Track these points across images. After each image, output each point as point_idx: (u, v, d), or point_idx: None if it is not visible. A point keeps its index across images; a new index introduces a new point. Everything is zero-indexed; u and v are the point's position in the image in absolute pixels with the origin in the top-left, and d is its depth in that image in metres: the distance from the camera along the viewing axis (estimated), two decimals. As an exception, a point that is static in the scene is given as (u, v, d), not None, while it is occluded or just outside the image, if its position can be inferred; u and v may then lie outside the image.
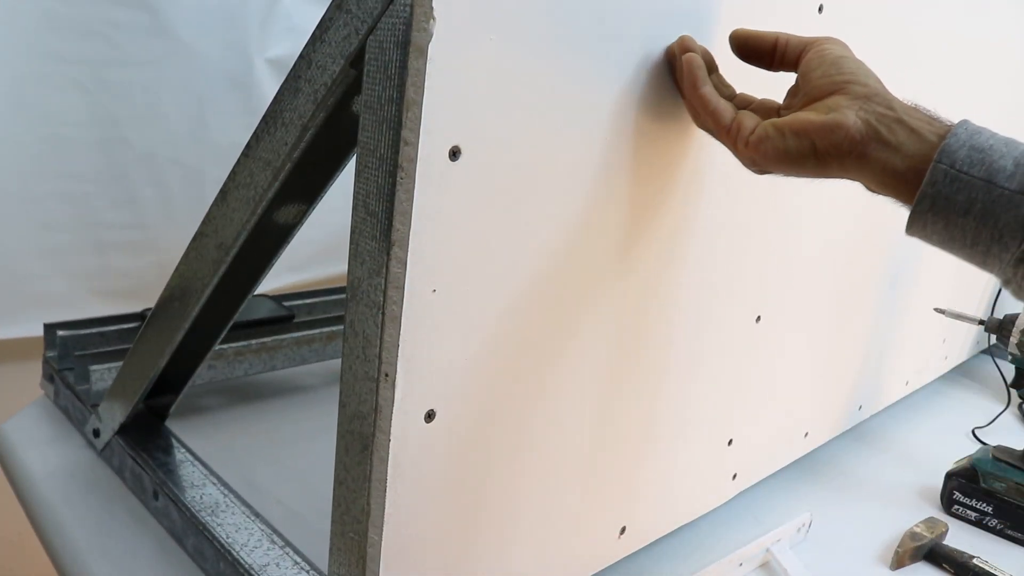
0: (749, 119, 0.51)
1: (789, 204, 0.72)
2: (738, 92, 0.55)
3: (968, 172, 0.44)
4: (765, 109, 0.53)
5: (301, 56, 0.50)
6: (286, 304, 1.12)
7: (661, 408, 0.70)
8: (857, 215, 0.84)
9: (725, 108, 0.52)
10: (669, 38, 0.53)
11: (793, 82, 0.53)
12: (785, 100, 0.54)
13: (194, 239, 0.66)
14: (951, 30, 0.84)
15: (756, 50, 0.54)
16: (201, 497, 0.73)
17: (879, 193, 0.49)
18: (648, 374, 0.66)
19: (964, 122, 0.47)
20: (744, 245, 0.69)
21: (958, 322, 1.10)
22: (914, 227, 0.48)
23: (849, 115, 0.47)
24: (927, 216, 0.46)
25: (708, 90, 0.52)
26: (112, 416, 0.81)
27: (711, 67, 0.55)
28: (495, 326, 0.51)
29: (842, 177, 0.49)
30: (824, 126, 0.47)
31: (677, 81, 0.54)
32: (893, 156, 0.46)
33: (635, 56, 0.52)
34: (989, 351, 1.45)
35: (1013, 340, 1.02)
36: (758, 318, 0.76)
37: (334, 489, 0.52)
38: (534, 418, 0.57)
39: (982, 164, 0.44)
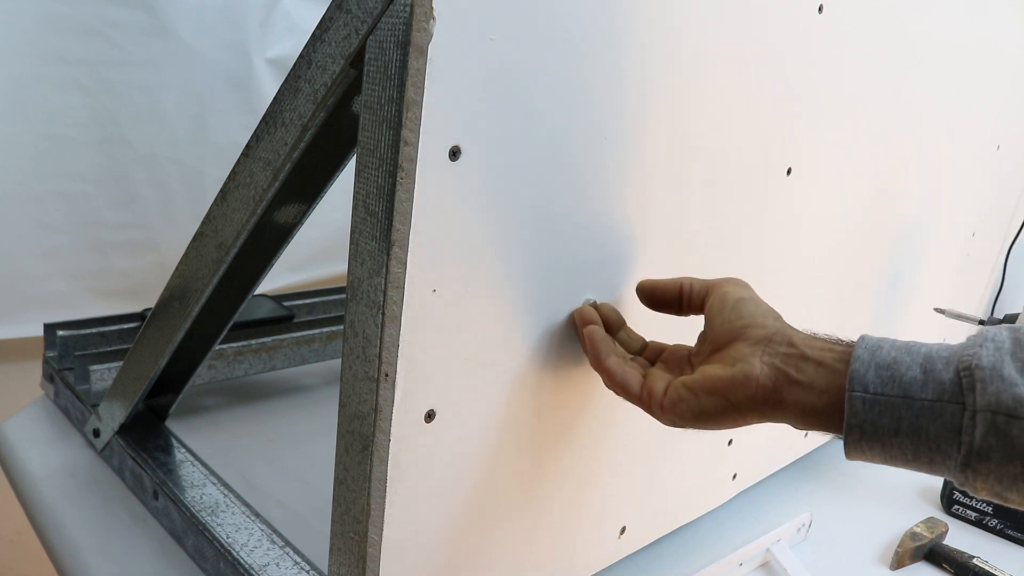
0: (659, 381, 0.51)
1: (789, 205, 0.72)
2: (649, 341, 0.56)
3: (884, 393, 0.44)
4: (676, 358, 0.54)
5: (301, 56, 0.50)
6: (286, 304, 1.12)
7: (661, 408, 0.70)
8: (857, 216, 0.84)
9: (632, 377, 0.51)
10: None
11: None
12: (696, 345, 0.54)
13: (194, 239, 0.66)
14: (951, 30, 0.84)
15: (662, 299, 0.55)
16: (201, 497, 0.73)
17: (809, 430, 0.48)
18: (648, 374, 0.66)
19: (862, 339, 0.47)
20: (744, 245, 0.69)
21: (958, 322, 1.10)
22: (854, 455, 0.46)
23: (755, 364, 0.47)
24: (861, 444, 0.45)
25: (612, 362, 0.52)
26: (112, 416, 0.81)
27: (618, 325, 0.56)
28: (495, 326, 0.51)
29: (764, 422, 0.49)
30: (732, 380, 0.47)
31: (584, 350, 0.54)
32: (807, 395, 0.46)
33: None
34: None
35: (1013, 340, 1.02)
36: (758, 318, 0.76)
37: (334, 489, 0.52)
38: (534, 418, 0.57)
39: (893, 381, 0.44)
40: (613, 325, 0.56)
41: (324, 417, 0.67)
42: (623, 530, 0.72)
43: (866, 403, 0.44)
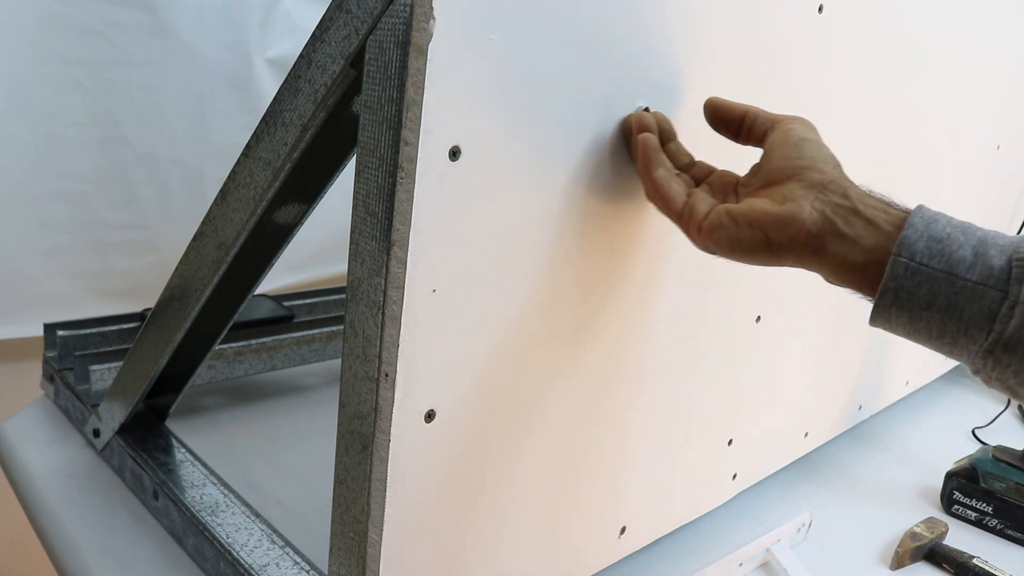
0: (703, 203, 0.50)
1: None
2: (697, 160, 0.55)
3: (928, 264, 0.43)
4: (723, 184, 0.52)
5: (301, 56, 0.50)
6: (286, 304, 1.12)
7: (661, 408, 0.70)
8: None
9: (677, 193, 0.51)
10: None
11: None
12: (746, 176, 0.52)
13: (194, 239, 0.66)
14: (951, 30, 0.84)
15: (725, 121, 0.54)
16: (201, 497, 0.73)
17: (838, 285, 0.48)
18: (648, 374, 0.66)
19: (920, 209, 0.46)
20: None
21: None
22: (878, 320, 0.46)
23: (804, 206, 0.46)
24: (891, 310, 0.45)
25: (660, 174, 0.51)
26: (112, 416, 0.81)
27: (669, 136, 0.54)
28: (495, 326, 0.51)
29: (799, 267, 0.48)
30: (779, 218, 0.46)
31: (632, 158, 0.53)
32: (851, 249, 0.45)
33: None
34: None
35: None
36: (758, 318, 0.76)
37: (334, 489, 0.52)
38: (534, 418, 0.57)
39: (942, 255, 0.43)
40: (664, 135, 0.54)
41: (324, 417, 0.67)
42: (623, 530, 0.72)
43: (909, 270, 0.43)
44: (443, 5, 0.39)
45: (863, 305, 0.47)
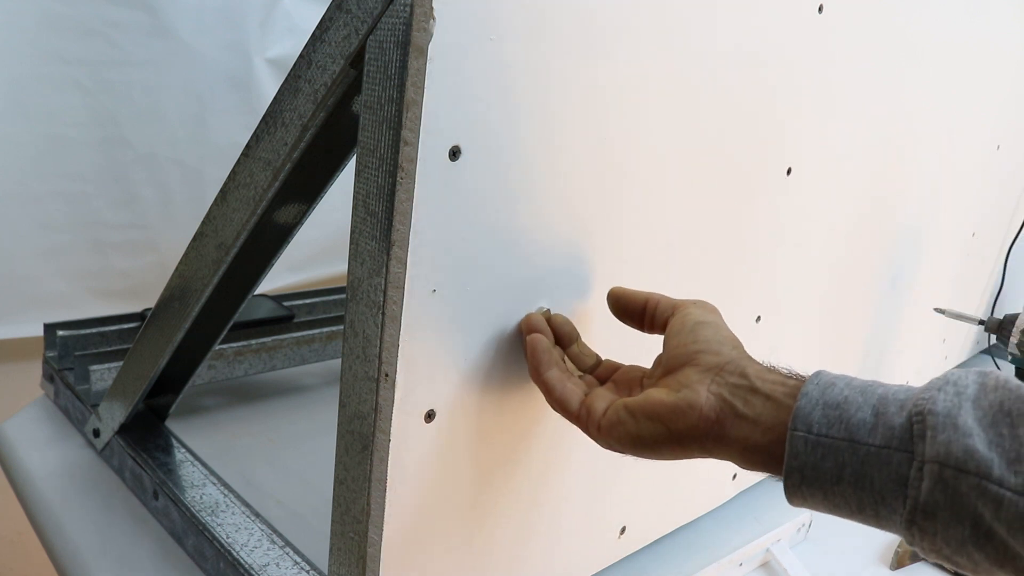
0: (601, 400, 0.48)
1: (789, 205, 0.72)
2: (604, 359, 0.53)
3: (827, 434, 0.40)
4: (628, 380, 0.51)
5: (301, 56, 0.50)
6: (286, 304, 1.12)
7: (661, 408, 0.70)
8: (857, 215, 0.84)
9: (571, 393, 0.48)
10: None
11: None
12: (651, 368, 0.50)
13: (194, 239, 0.66)
14: (951, 30, 0.84)
15: (628, 311, 0.52)
16: (201, 497, 0.73)
17: (752, 470, 0.44)
18: (648, 374, 0.66)
19: (817, 375, 0.43)
20: (743, 246, 0.69)
21: (958, 322, 1.10)
22: (794, 501, 0.43)
23: (701, 392, 0.44)
24: (801, 490, 0.41)
25: (552, 376, 0.49)
26: (112, 416, 0.81)
27: (570, 339, 0.52)
28: (495, 326, 0.51)
29: (706, 457, 0.45)
30: (675, 407, 0.44)
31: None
32: (752, 430, 0.42)
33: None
34: (989, 351, 1.45)
35: (1013, 340, 1.02)
36: (758, 318, 0.76)
37: (334, 489, 0.52)
38: (534, 417, 0.57)
39: (839, 422, 0.40)
40: (565, 338, 0.52)
41: (324, 417, 0.67)
42: (623, 530, 0.72)
43: (808, 444, 0.40)
44: (443, 5, 0.39)
45: (863, 305, 0.47)
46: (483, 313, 0.50)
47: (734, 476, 0.86)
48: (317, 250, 1.40)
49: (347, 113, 0.51)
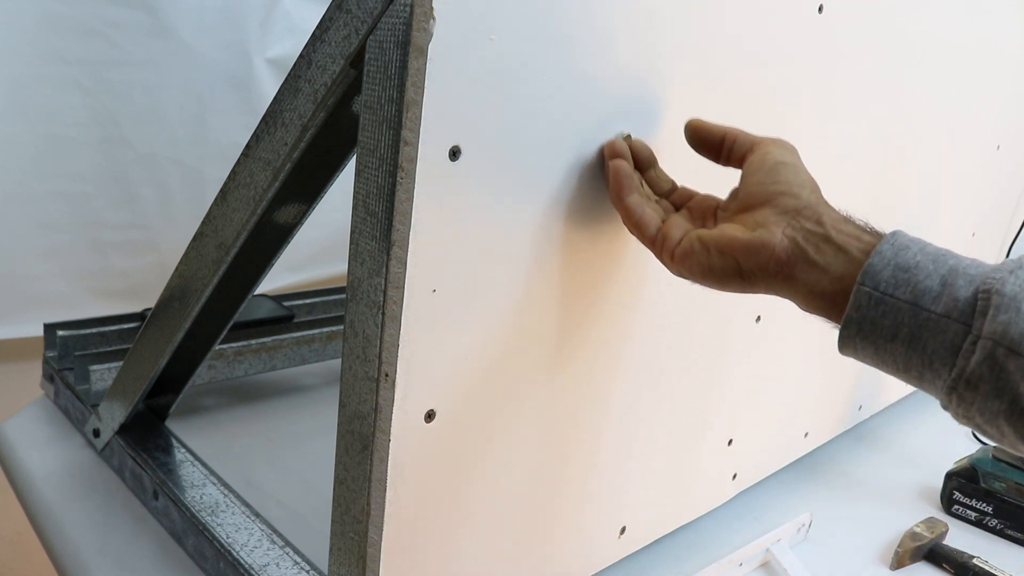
0: (677, 229, 0.49)
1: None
2: (680, 186, 0.54)
3: (893, 294, 0.41)
4: (703, 209, 0.51)
5: (301, 56, 0.50)
6: (286, 304, 1.12)
7: (661, 408, 0.70)
8: (857, 215, 0.84)
9: (650, 219, 0.49)
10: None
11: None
12: (726, 200, 0.51)
13: (194, 239, 0.66)
14: (951, 30, 0.84)
15: (706, 142, 0.52)
16: (201, 497, 0.73)
17: (812, 313, 0.46)
18: (648, 374, 0.66)
19: (894, 235, 0.44)
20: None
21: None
22: (846, 350, 0.45)
23: (776, 233, 0.45)
24: (855, 341, 0.43)
25: (632, 200, 0.50)
26: (112, 416, 0.81)
27: (648, 163, 0.53)
28: (495, 326, 0.51)
29: (772, 294, 0.47)
30: (749, 245, 0.45)
31: (606, 185, 0.52)
32: (821, 277, 0.44)
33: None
34: None
35: (1013, 340, 1.02)
36: (758, 318, 0.76)
37: (334, 489, 0.52)
38: (534, 417, 0.57)
39: (907, 285, 0.41)
40: (643, 162, 0.53)
41: (324, 417, 0.67)
42: (623, 530, 0.72)
43: (872, 300, 0.42)
44: (443, 5, 0.39)
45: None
46: (483, 312, 0.50)
47: (734, 476, 0.86)
48: (317, 250, 1.39)
49: (347, 113, 0.51)
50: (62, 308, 1.13)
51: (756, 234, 0.45)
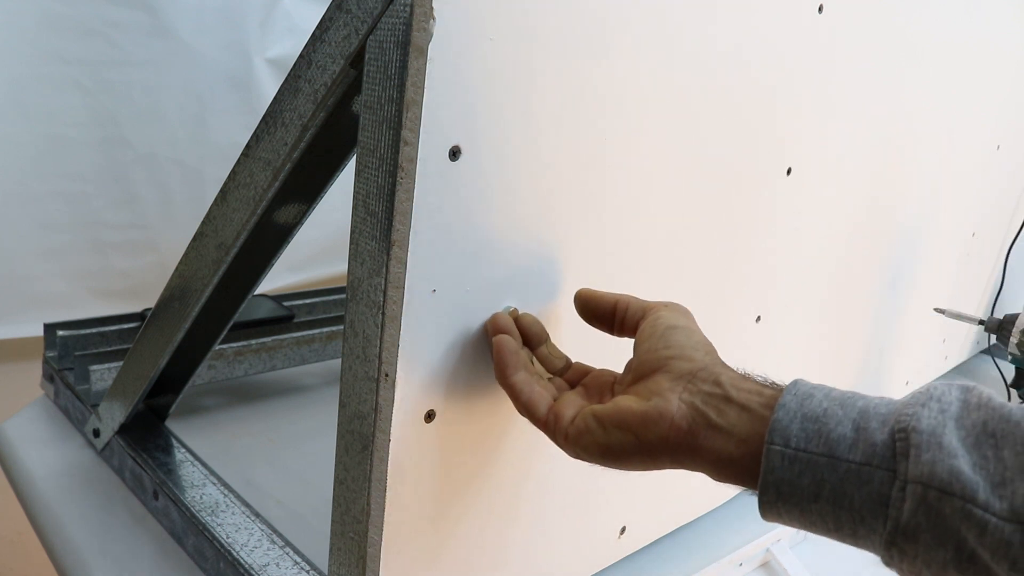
0: (570, 407, 0.46)
1: (789, 205, 0.72)
2: (575, 362, 0.51)
3: (806, 449, 0.38)
4: (599, 384, 0.48)
5: (301, 56, 0.50)
6: (286, 304, 1.12)
7: (661, 408, 0.70)
8: (857, 215, 0.84)
9: (540, 398, 0.46)
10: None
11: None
12: (623, 373, 0.48)
13: (194, 239, 0.66)
14: (951, 30, 0.84)
15: (597, 314, 0.50)
16: (201, 497, 0.73)
17: (724, 482, 0.43)
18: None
19: (795, 385, 0.41)
20: (744, 245, 0.69)
21: (958, 322, 1.10)
22: (769, 516, 0.41)
23: (672, 400, 0.42)
24: (777, 506, 0.40)
25: (519, 379, 0.47)
26: (112, 416, 0.81)
27: (539, 339, 0.50)
28: (495, 326, 0.51)
29: (677, 468, 0.43)
30: (645, 416, 0.42)
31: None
32: (726, 442, 0.41)
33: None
34: (989, 351, 1.45)
35: (1013, 340, 1.02)
36: (758, 318, 0.76)
37: (334, 489, 0.52)
38: (534, 418, 0.57)
39: (819, 436, 0.38)
40: (533, 339, 0.50)
41: (324, 417, 0.67)
42: (623, 530, 0.72)
43: (785, 459, 0.38)
44: (443, 5, 0.39)
45: (863, 305, 0.47)
46: (484, 312, 0.50)
47: (734, 476, 0.85)
48: (317, 250, 1.40)
49: (347, 113, 0.51)
50: (62, 308, 1.14)
51: (652, 403, 0.42)
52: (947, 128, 0.93)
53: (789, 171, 0.70)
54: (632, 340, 0.48)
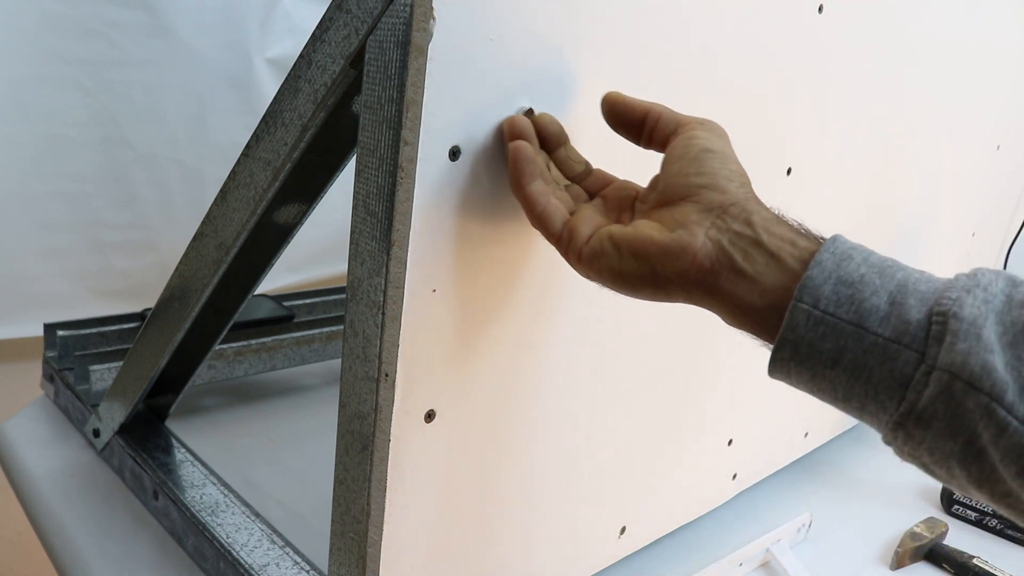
0: (586, 224, 0.42)
1: (789, 205, 0.72)
2: (595, 169, 0.47)
3: (834, 314, 0.36)
4: (620, 198, 0.45)
5: (301, 56, 0.50)
6: (286, 304, 1.12)
7: (661, 408, 0.70)
8: (857, 215, 0.84)
9: (555, 211, 0.43)
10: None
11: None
12: (646, 189, 0.45)
13: (194, 239, 0.66)
14: (951, 30, 0.84)
15: (625, 120, 0.45)
16: (201, 497, 0.73)
17: (737, 328, 0.40)
18: (648, 374, 0.66)
19: (833, 241, 0.38)
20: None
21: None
22: (776, 374, 0.39)
23: (698, 235, 0.39)
24: (789, 365, 0.38)
25: (534, 189, 0.43)
26: (112, 416, 0.81)
27: (558, 141, 0.46)
28: (495, 326, 0.51)
29: (691, 304, 0.41)
30: (667, 248, 0.39)
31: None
32: (749, 290, 0.38)
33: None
34: None
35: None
36: (758, 318, 0.76)
37: (334, 489, 0.52)
38: (534, 418, 0.57)
39: (851, 303, 0.36)
40: (551, 140, 0.45)
41: (324, 417, 0.67)
42: (623, 530, 0.72)
43: (811, 319, 0.36)
44: (443, 5, 0.39)
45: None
46: (483, 312, 0.50)
47: (734, 476, 0.86)
48: (317, 250, 1.40)
49: (347, 113, 0.51)
50: (62, 308, 1.13)
51: (675, 235, 0.39)
52: (947, 128, 0.93)
53: (789, 171, 0.70)
54: (661, 155, 0.44)
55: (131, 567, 0.71)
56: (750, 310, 0.39)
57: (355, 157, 0.45)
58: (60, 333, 0.94)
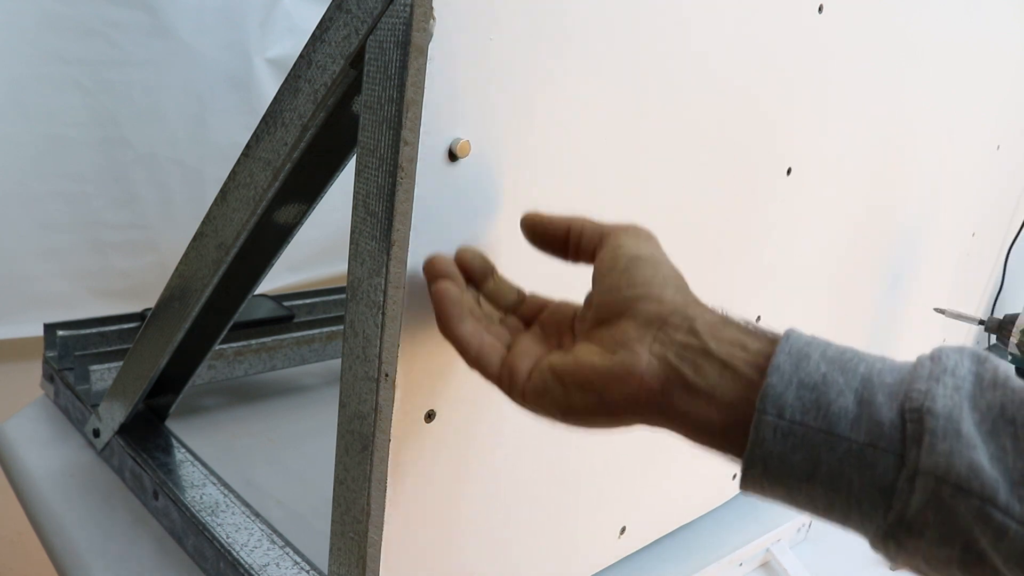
0: (525, 358, 0.40)
1: (789, 205, 0.72)
2: (528, 295, 0.45)
3: (802, 422, 0.33)
4: (557, 323, 0.42)
5: (301, 56, 0.50)
6: (286, 304, 1.12)
7: (661, 408, 0.70)
8: (857, 215, 0.84)
9: (491, 350, 0.40)
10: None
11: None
12: (583, 307, 0.42)
13: (194, 239, 0.66)
14: (951, 30, 0.84)
15: (547, 239, 0.43)
16: (201, 497, 0.73)
17: (699, 447, 0.37)
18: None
19: (787, 339, 0.35)
20: (743, 246, 0.69)
21: (958, 322, 1.10)
22: (751, 491, 0.36)
23: (641, 354, 0.36)
24: (762, 482, 0.35)
25: (465, 330, 0.40)
26: (112, 416, 0.81)
27: (483, 272, 0.44)
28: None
29: (648, 427, 0.38)
30: (610, 375, 0.36)
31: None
32: (707, 406, 0.35)
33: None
34: (989, 351, 1.45)
35: (1013, 340, 1.02)
36: (758, 318, 0.76)
37: (334, 489, 0.52)
38: (534, 417, 0.57)
39: (817, 407, 0.33)
40: (477, 274, 0.44)
41: (324, 417, 0.67)
42: (623, 530, 0.72)
43: (778, 432, 0.33)
44: (443, 5, 0.39)
45: (863, 305, 0.46)
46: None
47: (734, 476, 0.86)
48: (317, 250, 1.40)
49: (347, 113, 0.51)
50: (62, 308, 1.14)
51: (617, 358, 0.36)
52: (947, 128, 0.93)
53: (789, 171, 0.70)
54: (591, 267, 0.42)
55: (131, 567, 0.71)
56: (709, 427, 0.36)
57: (355, 157, 0.45)
58: (60, 333, 0.94)
